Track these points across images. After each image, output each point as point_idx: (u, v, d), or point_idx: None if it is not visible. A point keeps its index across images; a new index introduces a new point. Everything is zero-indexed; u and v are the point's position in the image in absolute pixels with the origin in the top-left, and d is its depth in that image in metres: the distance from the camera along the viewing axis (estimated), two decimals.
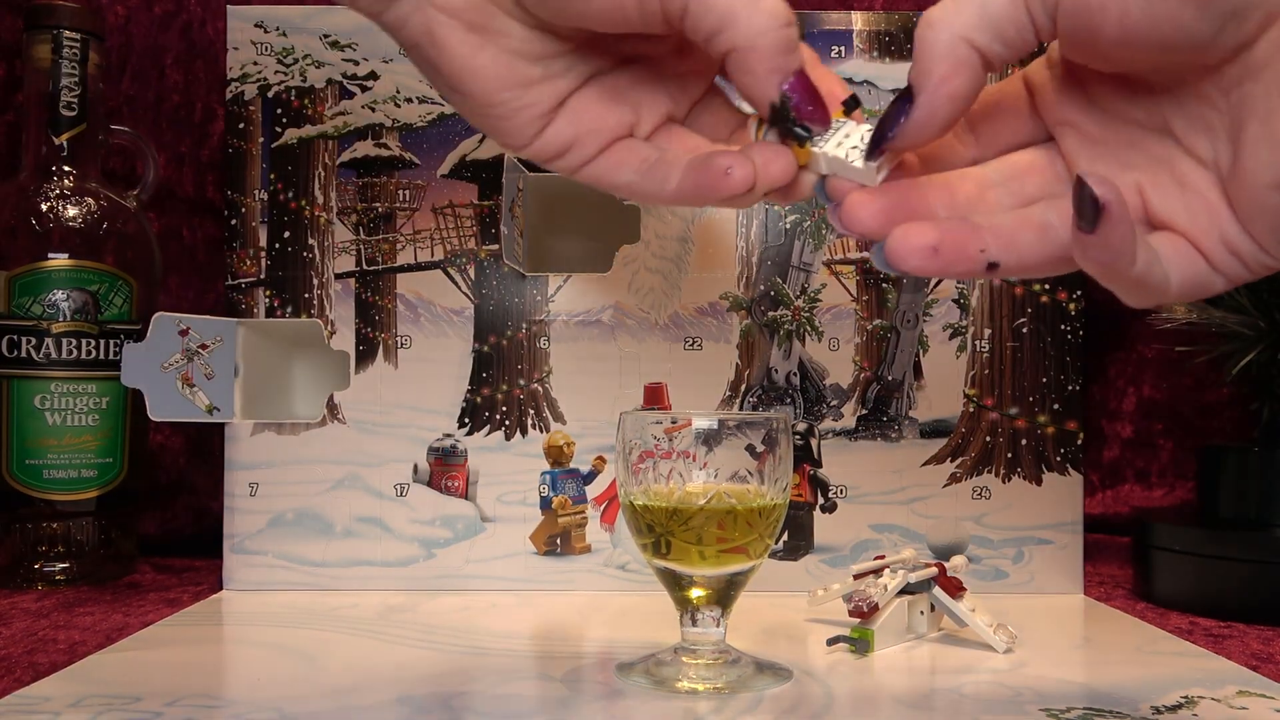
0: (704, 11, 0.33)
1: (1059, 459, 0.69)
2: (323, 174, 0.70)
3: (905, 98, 0.33)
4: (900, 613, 0.55)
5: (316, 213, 0.70)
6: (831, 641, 0.53)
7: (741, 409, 0.69)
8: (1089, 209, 0.29)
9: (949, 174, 0.36)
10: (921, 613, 0.56)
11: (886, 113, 0.33)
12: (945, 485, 0.69)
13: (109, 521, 0.73)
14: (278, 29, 0.70)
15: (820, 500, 0.68)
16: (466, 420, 0.69)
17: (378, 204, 0.70)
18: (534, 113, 0.36)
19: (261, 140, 0.70)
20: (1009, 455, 0.69)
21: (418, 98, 0.70)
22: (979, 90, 0.33)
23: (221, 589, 0.68)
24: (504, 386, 0.69)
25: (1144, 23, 0.30)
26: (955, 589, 0.55)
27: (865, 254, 0.70)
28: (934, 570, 0.55)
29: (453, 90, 0.36)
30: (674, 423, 0.47)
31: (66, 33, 0.71)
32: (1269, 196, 0.31)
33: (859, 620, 0.54)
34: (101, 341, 0.71)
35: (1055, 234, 0.33)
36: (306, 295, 0.69)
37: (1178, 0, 0.29)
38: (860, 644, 0.52)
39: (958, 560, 0.59)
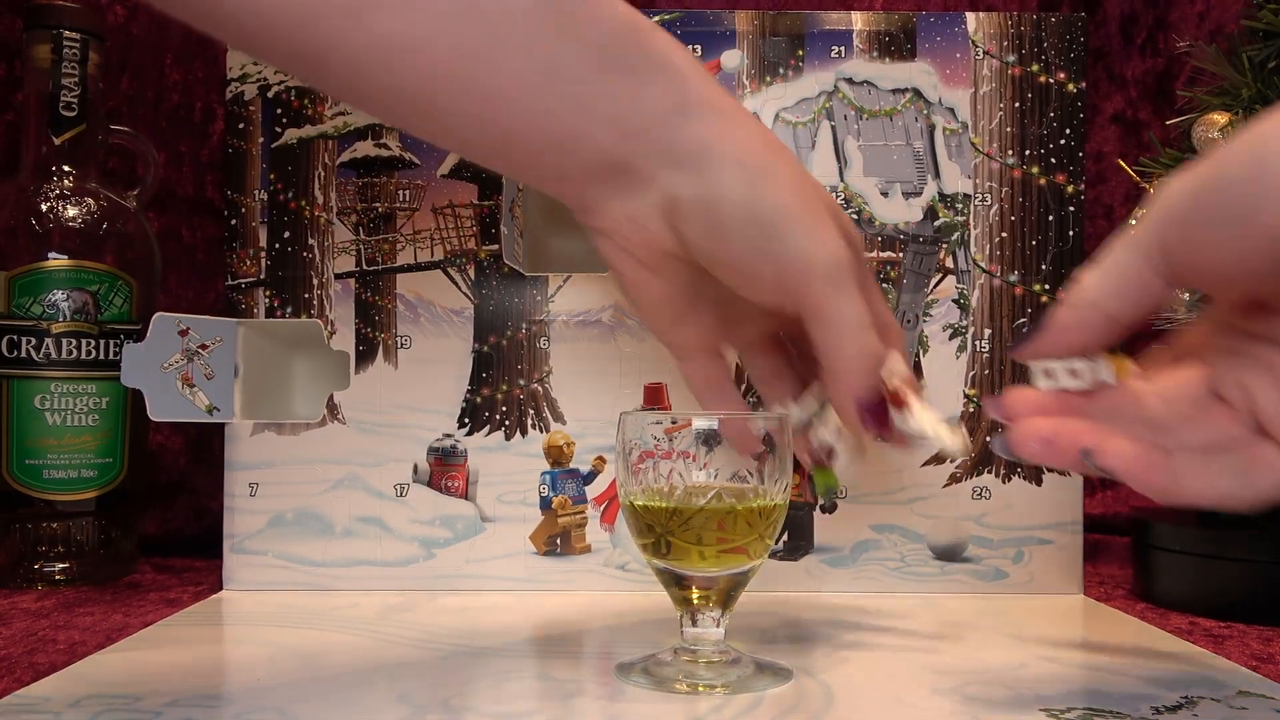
0: (815, 335, 0.44)
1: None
2: (323, 174, 0.70)
3: (1036, 322, 0.39)
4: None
5: (316, 213, 0.70)
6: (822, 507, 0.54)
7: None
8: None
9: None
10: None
11: (1024, 328, 0.40)
12: (945, 485, 0.69)
13: (109, 521, 0.73)
14: None
15: (820, 500, 0.68)
16: (466, 420, 0.69)
17: (378, 204, 0.70)
18: (670, 318, 0.48)
19: (261, 140, 0.70)
20: None
21: None
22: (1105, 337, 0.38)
23: (221, 589, 0.68)
24: (504, 387, 0.69)
25: (1239, 266, 0.34)
26: (899, 402, 0.49)
27: (865, 254, 0.70)
28: None
29: (624, 292, 0.48)
30: (674, 423, 0.47)
31: (66, 33, 0.71)
32: None
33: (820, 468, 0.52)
34: (101, 342, 0.71)
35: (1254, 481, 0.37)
36: (306, 295, 0.69)
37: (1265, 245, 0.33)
38: (828, 492, 0.52)
39: (893, 364, 0.48)
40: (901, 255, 0.69)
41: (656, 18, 0.70)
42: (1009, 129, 0.69)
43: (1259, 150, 0.32)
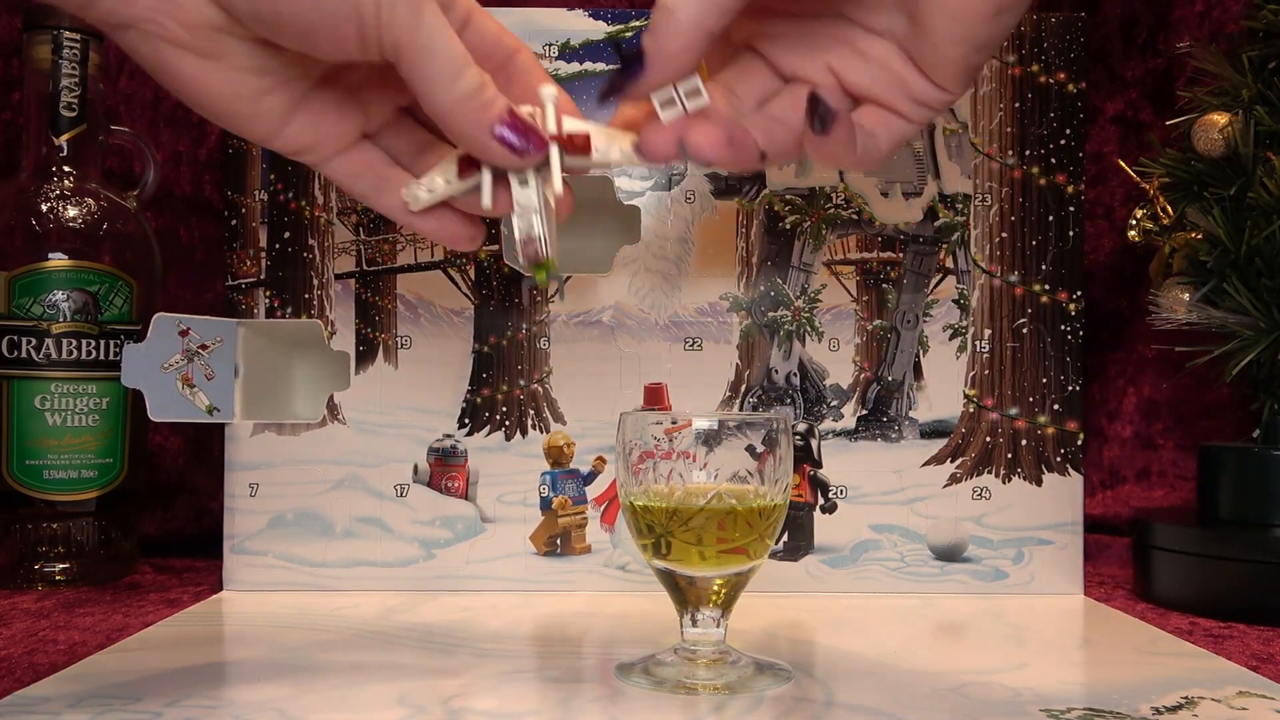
0: (409, 78, 0.38)
1: (1059, 459, 0.69)
2: (323, 174, 0.70)
3: (637, 61, 0.38)
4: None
5: (316, 213, 0.70)
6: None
7: (741, 409, 0.69)
8: (821, 118, 0.37)
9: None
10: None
11: (620, 72, 0.39)
12: (945, 485, 0.69)
13: (109, 522, 0.73)
14: None
15: (820, 501, 0.68)
16: (466, 420, 0.69)
17: None
18: (270, 118, 0.39)
19: None
20: (1009, 455, 0.69)
21: None
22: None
23: (221, 589, 0.68)
24: (504, 387, 0.69)
25: None
26: (578, 146, 0.43)
27: (866, 254, 0.70)
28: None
29: (190, 103, 0.38)
30: (674, 423, 0.47)
31: (66, 33, 0.71)
32: (952, 51, 0.37)
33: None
34: (101, 342, 0.71)
35: (793, 126, 0.40)
36: (306, 295, 0.69)
37: None
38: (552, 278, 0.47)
39: (545, 93, 0.42)
40: (901, 255, 0.69)
41: None
42: (1009, 129, 0.69)
43: None
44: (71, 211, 0.72)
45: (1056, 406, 0.69)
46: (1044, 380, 0.69)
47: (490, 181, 0.41)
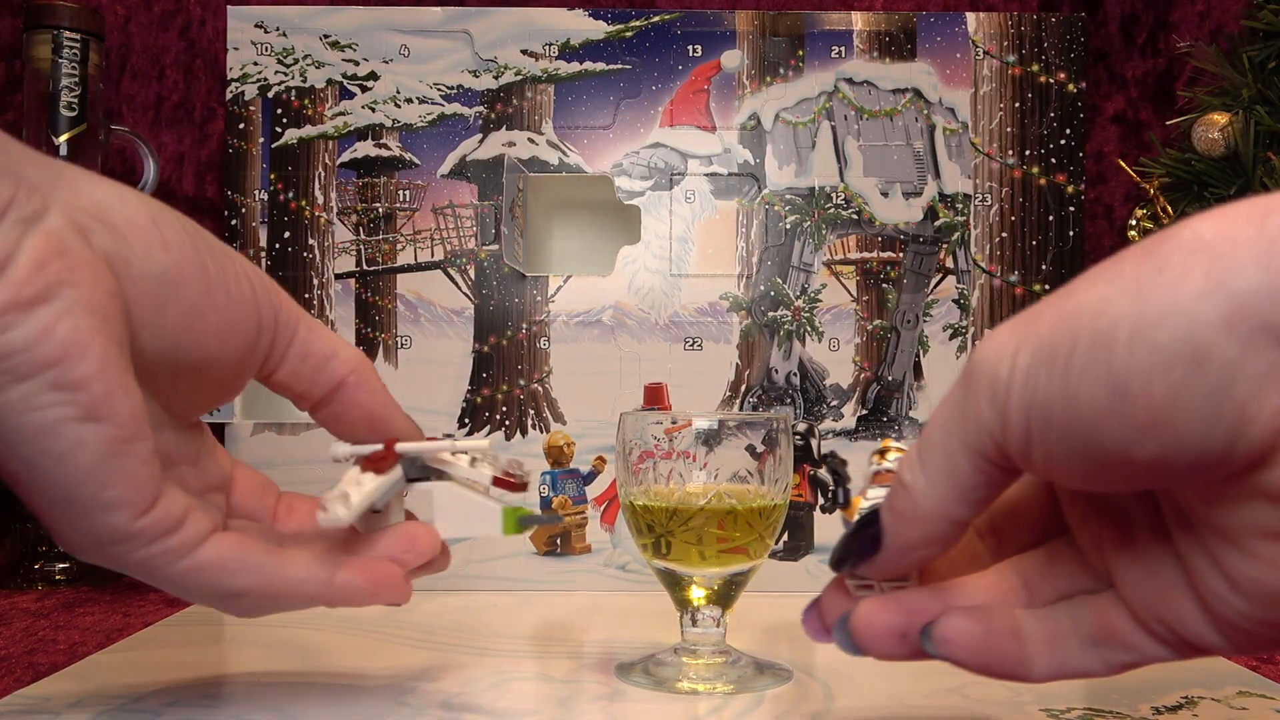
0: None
1: None
2: (323, 174, 0.70)
3: (873, 537, 0.30)
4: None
5: (316, 213, 0.70)
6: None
7: (741, 409, 0.69)
8: (831, 498, 0.32)
9: (969, 578, 0.32)
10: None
11: (854, 538, 0.30)
12: None
13: None
14: (278, 29, 0.70)
15: (820, 500, 0.68)
16: (467, 420, 0.69)
17: (378, 204, 0.70)
18: (149, 477, 0.32)
19: (261, 140, 0.70)
20: None
21: (418, 98, 0.70)
22: (950, 548, 0.30)
23: None
24: (504, 387, 0.69)
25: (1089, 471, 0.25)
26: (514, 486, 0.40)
27: (866, 254, 0.70)
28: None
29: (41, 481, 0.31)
30: (674, 423, 0.47)
31: (66, 33, 0.71)
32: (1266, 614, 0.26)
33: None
34: None
35: (1087, 645, 0.30)
36: (306, 295, 0.69)
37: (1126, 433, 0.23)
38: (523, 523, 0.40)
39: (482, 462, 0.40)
40: (901, 255, 0.69)
41: (657, 18, 0.70)
42: (1009, 129, 0.69)
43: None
44: None
45: None
46: None
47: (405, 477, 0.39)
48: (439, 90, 0.70)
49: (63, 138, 0.72)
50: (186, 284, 0.34)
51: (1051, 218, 0.69)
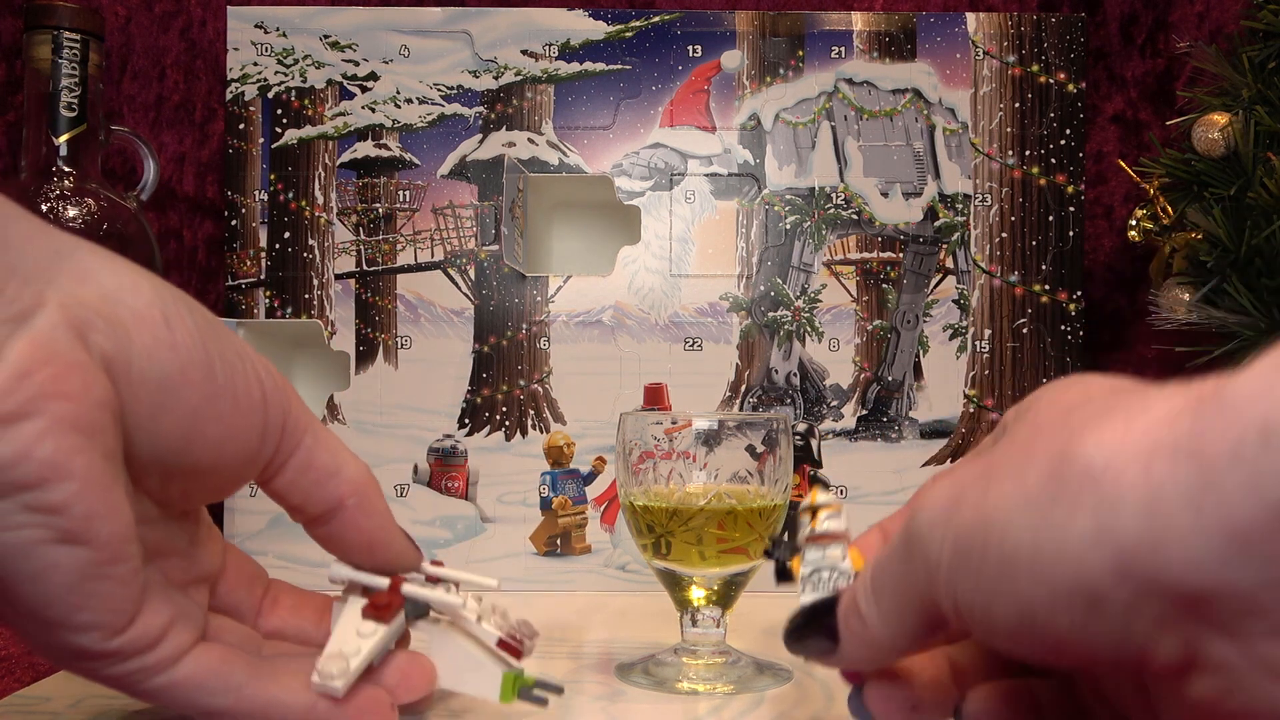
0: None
1: None
2: (323, 174, 0.70)
3: (828, 635, 0.31)
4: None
5: (316, 213, 0.70)
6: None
7: (741, 409, 0.69)
8: (778, 572, 0.34)
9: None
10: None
11: (806, 630, 0.32)
12: None
13: None
14: (278, 29, 0.70)
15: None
16: (466, 421, 0.69)
17: (378, 204, 0.70)
18: (129, 589, 0.30)
19: (261, 140, 0.70)
20: None
21: (418, 98, 0.70)
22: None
23: None
24: (504, 387, 0.69)
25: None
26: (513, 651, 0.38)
27: (866, 254, 0.70)
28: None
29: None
30: (674, 423, 0.47)
31: (66, 33, 0.71)
32: None
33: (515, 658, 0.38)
34: None
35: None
36: (306, 296, 0.69)
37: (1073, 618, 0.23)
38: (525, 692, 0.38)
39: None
40: (901, 255, 0.69)
41: (657, 18, 0.70)
42: (1009, 129, 0.69)
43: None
44: (71, 212, 0.72)
45: None
46: (1044, 380, 0.69)
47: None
48: (439, 90, 0.70)
49: (63, 138, 0.72)
50: (190, 389, 0.31)
51: (1051, 218, 0.69)
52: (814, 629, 0.31)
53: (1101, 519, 0.22)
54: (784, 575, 0.36)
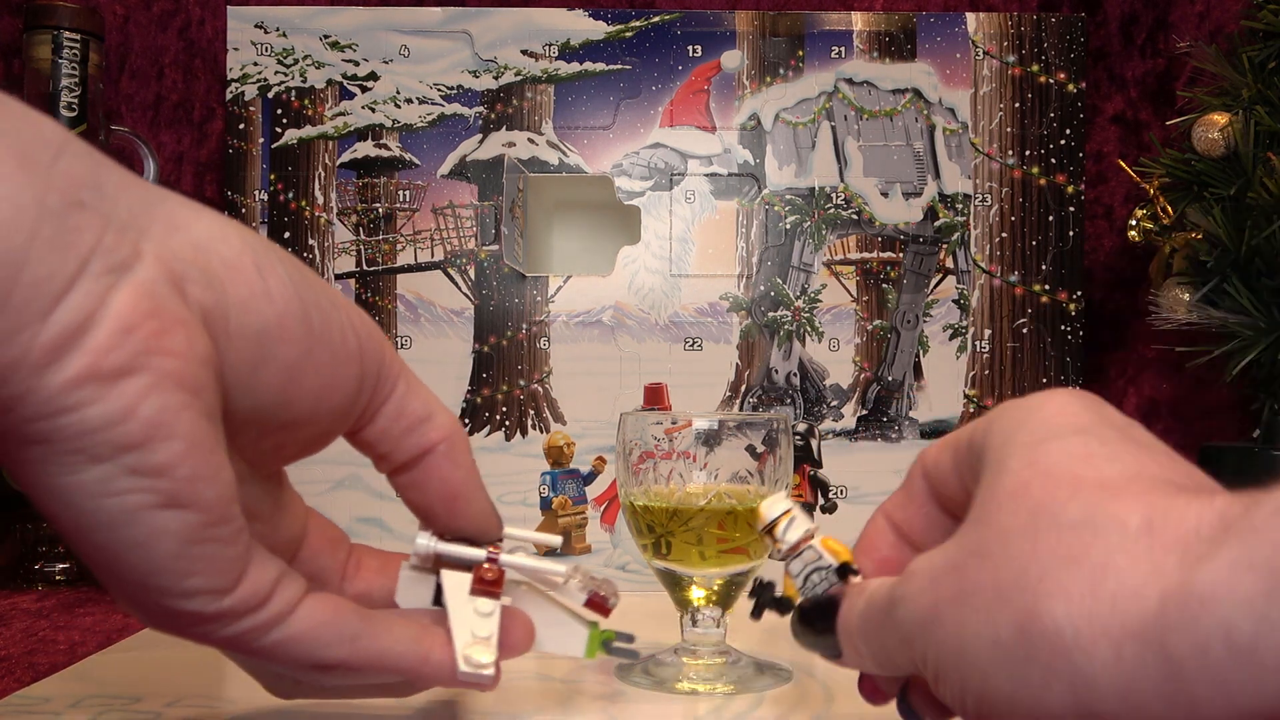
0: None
1: None
2: (323, 174, 0.70)
3: (831, 648, 0.32)
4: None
5: (316, 213, 0.70)
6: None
7: (741, 409, 0.69)
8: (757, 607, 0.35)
9: None
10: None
11: (810, 634, 0.33)
12: None
13: None
14: (278, 29, 0.70)
15: (820, 501, 0.68)
16: (467, 420, 0.69)
17: (378, 204, 0.70)
18: (237, 549, 0.29)
19: (261, 140, 0.70)
20: None
21: (418, 98, 0.70)
22: None
23: None
24: (504, 387, 0.69)
25: None
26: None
27: (866, 254, 0.70)
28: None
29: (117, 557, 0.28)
30: (674, 423, 0.47)
31: (66, 33, 0.71)
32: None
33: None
34: None
35: None
36: None
37: None
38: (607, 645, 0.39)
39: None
40: (901, 255, 0.69)
41: (657, 18, 0.70)
42: (1009, 129, 0.69)
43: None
44: None
45: None
46: (1044, 380, 0.69)
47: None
48: (439, 90, 0.70)
49: None
50: (287, 341, 0.30)
51: (1051, 218, 0.69)
52: (819, 630, 0.32)
53: (1079, 693, 0.22)
54: (759, 613, 0.36)
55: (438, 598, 0.36)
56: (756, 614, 0.36)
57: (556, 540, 0.38)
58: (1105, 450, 0.26)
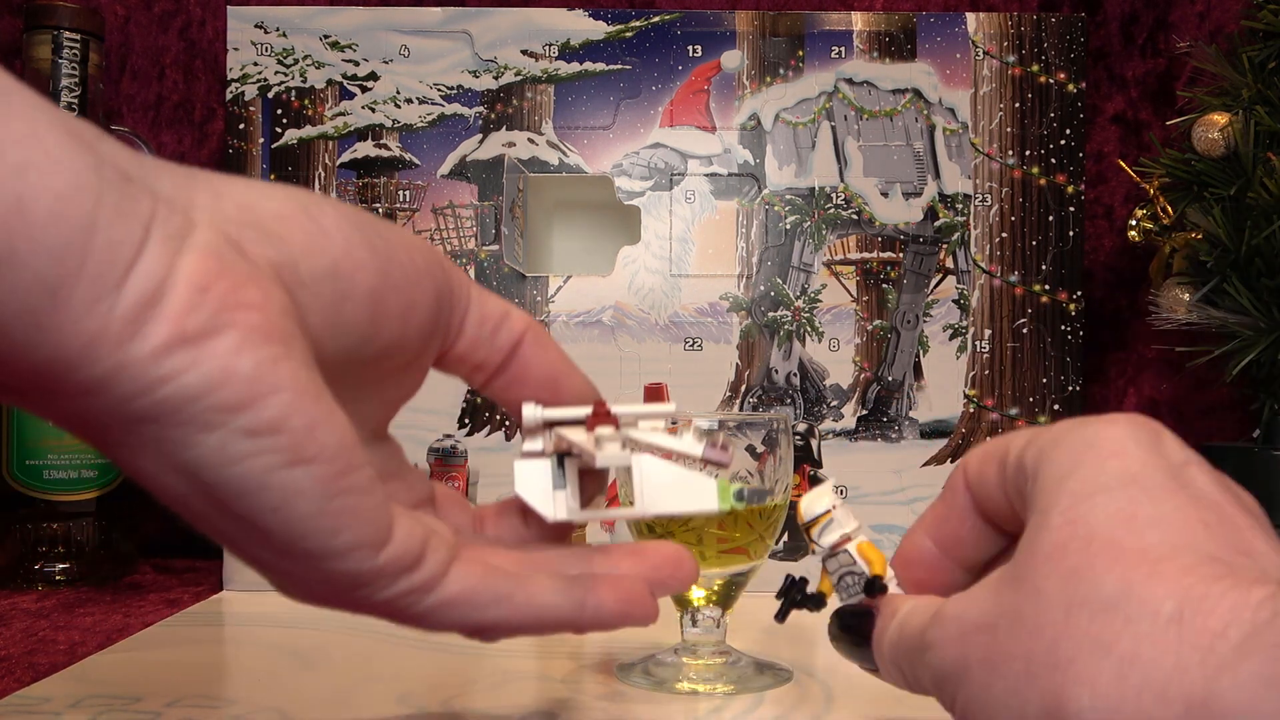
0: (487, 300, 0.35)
1: None
2: (323, 174, 0.70)
3: (869, 660, 0.34)
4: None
5: None
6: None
7: (742, 409, 0.69)
8: (785, 608, 0.36)
9: None
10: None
11: (850, 644, 0.35)
12: None
13: (109, 522, 0.73)
14: (278, 29, 0.70)
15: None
16: (467, 421, 0.69)
17: (378, 204, 0.70)
18: (379, 507, 0.29)
19: (261, 141, 0.70)
20: None
21: (418, 98, 0.70)
22: None
23: (221, 589, 0.68)
24: None
25: None
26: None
27: (866, 254, 0.70)
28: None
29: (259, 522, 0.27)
30: (674, 423, 0.47)
31: (66, 33, 0.71)
32: None
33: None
34: None
35: None
36: None
37: None
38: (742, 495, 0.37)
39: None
40: (901, 255, 0.69)
41: (657, 18, 0.70)
42: (1009, 129, 0.69)
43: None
44: None
45: (1057, 407, 0.69)
46: (1044, 380, 0.69)
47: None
48: (439, 90, 0.70)
49: None
50: (360, 270, 0.29)
51: (1051, 218, 0.69)
52: (854, 640, 0.34)
53: None
54: (784, 615, 0.36)
55: (559, 474, 0.36)
56: (782, 616, 0.36)
57: (670, 408, 0.37)
58: (1152, 510, 0.25)
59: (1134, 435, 0.27)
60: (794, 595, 0.36)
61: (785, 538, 0.68)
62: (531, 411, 0.36)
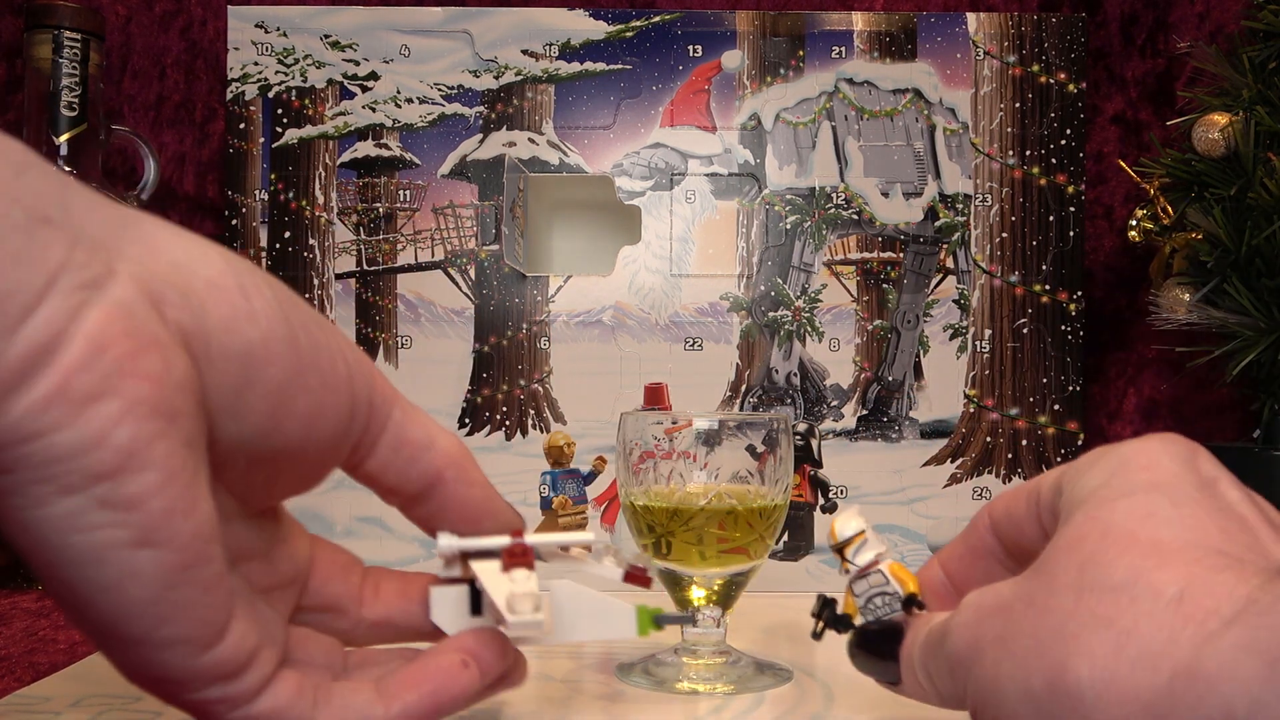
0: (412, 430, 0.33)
1: (1059, 460, 0.69)
2: (323, 174, 0.70)
3: (890, 673, 0.34)
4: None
5: (317, 213, 0.70)
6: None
7: (742, 409, 0.69)
8: (820, 630, 0.36)
9: None
10: None
11: (869, 659, 0.35)
12: (945, 486, 0.69)
13: None
14: (278, 29, 0.70)
15: (820, 501, 0.68)
16: (467, 420, 0.69)
17: (378, 204, 0.70)
18: (219, 601, 0.27)
19: (262, 140, 0.70)
20: (1009, 456, 0.69)
21: (418, 98, 0.70)
22: None
23: None
24: (504, 387, 0.69)
25: None
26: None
27: (866, 254, 0.70)
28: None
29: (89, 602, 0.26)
30: (674, 423, 0.47)
31: (67, 33, 0.71)
32: None
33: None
34: None
35: None
36: (307, 295, 0.69)
37: None
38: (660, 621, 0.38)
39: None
40: (901, 255, 0.69)
41: (657, 18, 0.70)
42: (1009, 129, 0.69)
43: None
44: None
45: (1057, 407, 0.69)
46: (1044, 380, 0.69)
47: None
48: (439, 90, 0.70)
49: (63, 138, 0.72)
50: (274, 363, 0.28)
51: (1051, 218, 0.69)
52: (880, 655, 0.34)
53: None
54: (821, 634, 0.37)
55: (475, 606, 0.35)
56: (819, 635, 0.36)
57: (589, 537, 0.37)
58: (1171, 512, 0.26)
59: (1168, 451, 0.28)
60: (827, 616, 0.36)
61: (785, 538, 0.68)
62: (447, 542, 0.35)
